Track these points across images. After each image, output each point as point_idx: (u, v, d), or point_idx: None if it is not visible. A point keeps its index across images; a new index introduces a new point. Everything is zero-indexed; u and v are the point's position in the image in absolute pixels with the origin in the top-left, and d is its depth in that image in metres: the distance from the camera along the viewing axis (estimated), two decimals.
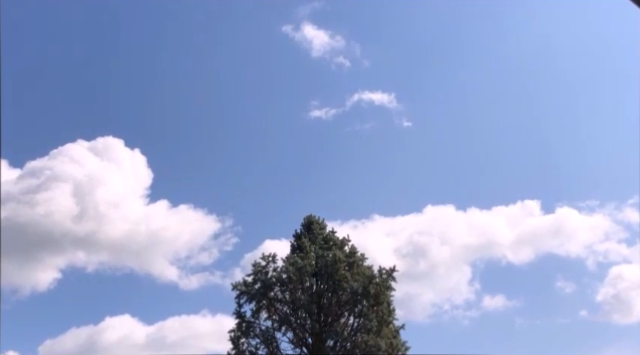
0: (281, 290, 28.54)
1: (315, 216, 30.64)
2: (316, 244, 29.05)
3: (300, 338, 28.23)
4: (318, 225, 30.34)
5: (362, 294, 27.55)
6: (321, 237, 29.66)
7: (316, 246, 28.88)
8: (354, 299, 27.85)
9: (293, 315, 28.38)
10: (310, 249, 28.55)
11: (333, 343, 27.93)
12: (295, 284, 28.27)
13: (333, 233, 30.17)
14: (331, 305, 28.34)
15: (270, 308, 28.54)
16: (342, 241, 29.73)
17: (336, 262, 27.89)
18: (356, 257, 28.91)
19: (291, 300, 28.15)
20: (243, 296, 28.27)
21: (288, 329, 28.46)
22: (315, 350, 27.70)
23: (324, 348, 27.64)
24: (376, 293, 27.71)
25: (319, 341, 27.78)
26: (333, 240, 29.71)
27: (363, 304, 27.75)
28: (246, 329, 28.21)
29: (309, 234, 29.75)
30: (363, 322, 27.55)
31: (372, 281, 27.75)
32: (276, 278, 28.44)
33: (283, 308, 28.57)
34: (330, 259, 28.11)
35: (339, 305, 28.41)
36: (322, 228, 30.25)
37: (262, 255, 29.10)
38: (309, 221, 30.43)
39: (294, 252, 29.42)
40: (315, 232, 29.82)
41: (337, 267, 27.75)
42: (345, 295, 28.14)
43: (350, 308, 28.20)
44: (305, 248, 28.69)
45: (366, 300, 27.74)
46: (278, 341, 28.37)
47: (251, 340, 28.24)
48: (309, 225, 30.22)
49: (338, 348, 27.77)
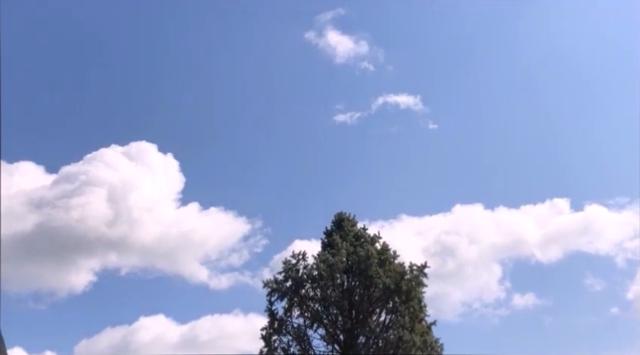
0: (312, 288, 28.46)
1: (345, 213, 30.51)
2: (347, 241, 28.94)
3: (332, 335, 28.13)
4: (349, 222, 30.23)
5: (394, 291, 27.36)
6: (352, 234, 29.52)
7: (347, 243, 28.77)
8: (386, 296, 27.68)
9: (324, 312, 28.29)
10: (341, 246, 28.44)
11: (365, 340, 27.76)
12: (326, 281, 28.16)
13: (364, 230, 30.04)
14: (363, 302, 28.18)
15: (302, 306, 28.49)
16: (373, 238, 29.60)
17: (369, 258, 27.76)
18: (388, 254, 28.73)
19: (323, 297, 28.05)
20: (274, 293, 28.27)
21: (319, 326, 28.36)
22: (347, 347, 27.57)
23: (356, 345, 27.50)
24: (408, 289, 27.51)
25: (351, 337, 27.65)
26: (364, 236, 29.55)
27: (395, 300, 27.56)
28: (278, 327, 28.19)
29: (339, 231, 29.65)
30: (394, 318, 27.36)
31: (404, 278, 27.57)
32: (307, 276, 28.37)
33: (315, 305, 28.48)
34: (363, 255, 27.98)
35: (370, 302, 28.23)
36: (353, 225, 30.12)
37: (293, 253, 29.12)
38: (339, 218, 30.32)
39: (325, 249, 29.34)
40: (346, 229, 29.71)
41: (370, 263, 27.60)
42: (376, 291, 27.98)
43: (382, 304, 28.02)
44: (336, 245, 28.60)
45: (398, 297, 27.54)
46: (310, 339, 28.35)
47: (283, 337, 28.23)
48: (340, 222, 30.12)
49: (370, 345, 27.61)
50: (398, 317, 27.21)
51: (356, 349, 27.28)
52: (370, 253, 28.01)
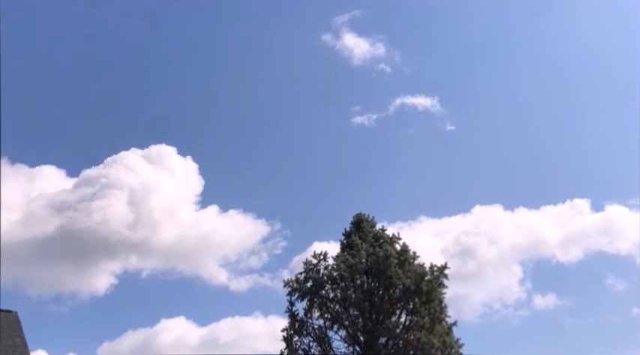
0: (332, 289, 28.54)
1: (364, 214, 30.51)
2: (366, 242, 28.96)
3: (353, 336, 28.18)
4: (368, 223, 30.23)
5: (414, 291, 27.34)
6: (371, 234, 29.53)
7: (367, 244, 28.79)
8: (406, 297, 27.65)
9: (345, 313, 28.33)
10: (361, 247, 28.47)
11: (385, 341, 27.77)
12: (346, 282, 28.21)
13: (383, 231, 30.05)
14: (383, 303, 28.18)
15: (322, 307, 28.57)
16: (392, 238, 29.59)
17: (387, 258, 27.76)
18: (407, 254, 28.71)
19: (343, 298, 28.09)
20: (294, 293, 28.37)
21: (340, 327, 28.44)
22: (367, 348, 27.61)
23: (377, 346, 27.52)
24: (428, 290, 27.48)
25: (371, 339, 27.67)
26: (383, 237, 29.55)
27: (415, 301, 27.54)
28: (298, 328, 28.29)
29: (358, 232, 29.66)
30: (415, 319, 27.34)
31: (425, 278, 27.54)
32: (327, 277, 28.46)
33: (335, 306, 28.55)
34: (382, 256, 27.99)
35: (390, 303, 28.24)
36: (372, 226, 30.12)
37: (313, 253, 29.21)
38: (358, 219, 30.34)
39: (344, 250, 29.38)
40: (365, 230, 29.72)
41: (389, 263, 27.61)
42: (396, 292, 27.98)
43: (402, 305, 28.01)
44: (355, 246, 28.63)
45: (418, 298, 27.51)
46: (330, 340, 28.43)
47: (304, 338, 28.33)
48: (359, 223, 30.13)
49: (390, 346, 27.62)
50: (418, 318, 27.19)
51: (376, 350, 27.29)
52: (389, 254, 28.01)
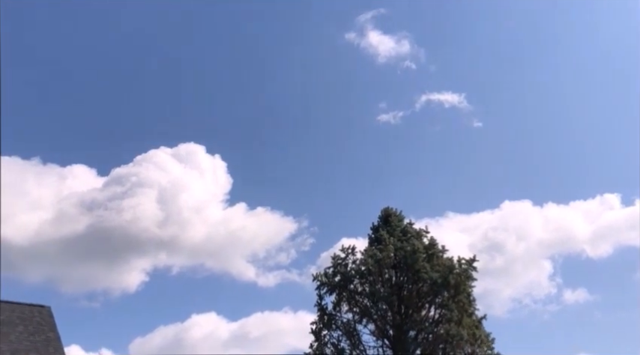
0: (360, 283, 28.62)
1: (392, 209, 30.50)
2: (394, 236, 28.96)
3: (382, 330, 28.22)
4: (396, 217, 30.23)
5: (442, 285, 27.30)
6: (399, 229, 29.51)
7: (394, 238, 28.80)
8: (435, 290, 27.62)
9: (373, 307, 28.39)
10: (389, 241, 28.49)
11: (415, 334, 27.80)
12: (375, 276, 28.29)
13: (410, 225, 30.03)
14: (411, 297, 28.17)
15: (351, 301, 28.67)
16: (420, 232, 29.56)
17: (415, 252, 27.76)
18: (435, 248, 28.68)
19: (371, 292, 28.13)
20: (323, 287, 28.53)
21: (369, 321, 28.52)
22: (396, 342, 27.65)
23: (406, 340, 27.55)
24: (456, 283, 27.40)
25: (400, 332, 27.70)
26: (411, 231, 29.54)
27: (444, 295, 27.49)
28: (327, 322, 28.44)
29: (386, 227, 29.68)
30: (444, 313, 27.31)
31: (453, 272, 27.49)
32: (356, 271, 28.56)
33: (363, 300, 28.62)
34: (409, 250, 27.99)
35: (419, 297, 28.21)
36: (400, 220, 30.11)
37: (342, 247, 29.30)
38: (386, 213, 30.36)
39: (372, 244, 29.43)
40: (393, 224, 29.72)
41: (416, 258, 27.61)
42: (425, 286, 27.97)
43: (430, 299, 27.98)
44: (383, 240, 28.67)
45: (447, 291, 27.46)
46: (359, 334, 28.54)
47: (333, 332, 28.47)
48: (387, 218, 30.15)
49: (420, 340, 27.64)
50: (447, 312, 27.14)
51: (405, 344, 27.32)
52: (417, 248, 28.00)
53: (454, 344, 26.69)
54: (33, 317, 17.79)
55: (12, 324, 17.25)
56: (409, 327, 27.77)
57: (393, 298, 27.94)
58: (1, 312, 17.55)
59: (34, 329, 17.44)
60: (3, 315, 17.46)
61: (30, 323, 17.54)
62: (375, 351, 28.13)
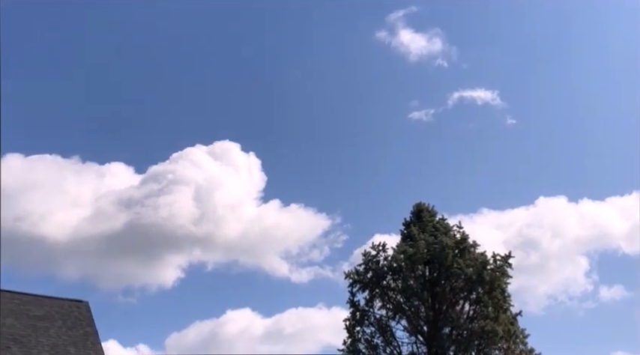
0: (393, 279, 28.55)
1: (424, 204, 30.28)
2: (427, 232, 28.80)
3: (415, 326, 28.12)
4: (428, 212, 30.04)
5: (476, 281, 27.10)
6: (431, 224, 29.31)
7: (427, 234, 28.65)
8: (469, 286, 27.44)
9: (406, 303, 28.29)
10: (420, 237, 28.35)
11: (449, 331, 27.67)
12: (407, 272, 28.18)
13: (443, 220, 29.86)
14: (445, 293, 28.02)
15: (384, 297, 28.60)
16: (452, 228, 29.36)
17: (445, 248, 27.59)
18: (467, 243, 28.46)
19: (404, 288, 28.02)
20: (355, 284, 28.51)
21: (402, 317, 28.43)
22: (430, 338, 27.51)
23: (440, 336, 27.41)
24: (491, 279, 27.18)
25: (434, 329, 27.57)
26: (444, 227, 29.38)
27: (478, 291, 27.29)
28: (360, 318, 28.40)
29: (418, 222, 29.49)
30: (478, 309, 27.11)
31: (487, 267, 27.29)
32: (388, 267, 28.48)
33: (396, 296, 28.53)
34: (442, 246, 27.83)
35: (453, 293, 28.08)
36: (432, 216, 29.91)
37: (372, 244, 29.24)
38: (418, 208, 30.16)
39: (404, 240, 29.28)
40: (425, 220, 29.52)
41: (447, 253, 27.43)
42: (459, 282, 27.81)
43: (465, 295, 27.82)
44: (415, 236, 28.55)
45: (481, 287, 27.25)
46: (393, 330, 28.48)
47: (366, 328, 28.44)
48: (419, 213, 29.96)
49: (454, 336, 27.48)
50: (482, 308, 26.94)
51: (440, 340, 27.18)
52: (446, 243, 27.84)
53: (489, 341, 26.51)
54: (71, 311, 18.06)
55: (51, 319, 17.54)
56: (443, 323, 27.61)
57: (425, 294, 27.81)
58: (41, 307, 17.88)
59: (72, 323, 17.69)
60: (42, 310, 17.77)
61: (68, 317, 17.81)
62: (408, 347, 28.09)
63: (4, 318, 16.87)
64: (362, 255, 29.09)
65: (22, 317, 17.19)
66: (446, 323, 27.64)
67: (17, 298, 17.94)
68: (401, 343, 28.15)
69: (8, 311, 17.25)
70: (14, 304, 17.62)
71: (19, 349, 15.92)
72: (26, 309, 17.59)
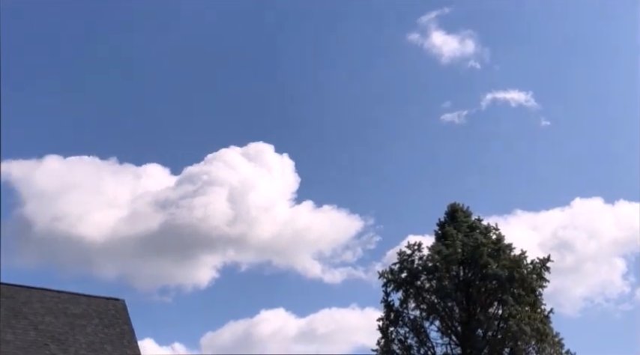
0: (427, 279, 28.43)
1: (459, 204, 30.15)
2: (461, 232, 28.62)
3: (449, 326, 28.00)
4: (463, 213, 29.85)
5: (508, 281, 26.84)
6: (465, 225, 29.13)
7: (461, 234, 28.46)
8: (503, 287, 27.18)
9: (440, 304, 28.17)
10: (455, 237, 28.18)
11: (484, 332, 27.46)
12: (441, 272, 28.03)
13: (479, 221, 29.63)
14: (479, 294, 27.86)
15: (418, 297, 28.52)
16: (488, 228, 29.11)
17: (480, 246, 27.38)
18: (502, 244, 28.22)
19: (438, 289, 27.89)
20: (390, 284, 28.45)
21: (436, 318, 28.32)
22: (464, 339, 27.36)
23: (474, 337, 27.23)
24: (524, 280, 26.95)
25: (468, 329, 27.40)
26: (478, 227, 29.14)
27: (513, 292, 27.02)
28: (394, 318, 28.37)
29: (453, 223, 29.35)
30: (512, 310, 26.82)
31: (521, 267, 27.01)
32: (422, 267, 28.37)
33: (430, 297, 28.41)
34: (476, 246, 27.62)
35: (487, 294, 27.89)
36: (467, 216, 29.73)
37: (407, 244, 29.18)
38: (453, 209, 29.99)
39: (438, 240, 29.17)
40: (460, 220, 29.34)
41: (481, 252, 27.22)
42: (493, 283, 27.57)
43: (499, 296, 27.56)
44: (449, 236, 28.36)
45: (515, 288, 26.98)
46: (427, 330, 28.37)
47: (399, 329, 28.39)
48: (454, 213, 29.79)
49: (488, 337, 27.27)
50: (516, 309, 26.69)
51: (474, 341, 27.01)
52: (481, 243, 27.61)
53: (522, 341, 26.27)
54: (108, 310, 18.33)
55: (88, 317, 17.82)
56: (477, 324, 27.44)
57: (460, 295, 27.67)
58: (78, 305, 18.18)
59: (109, 322, 17.96)
60: (79, 308, 18.06)
61: (105, 316, 18.08)
62: (442, 348, 28.01)
63: (43, 316, 17.20)
64: (397, 254, 29.12)
65: (60, 315, 17.52)
66: (480, 324, 27.45)
67: (55, 296, 18.27)
68: (435, 344, 28.12)
69: (46, 309, 17.61)
70: (52, 302, 17.96)
71: (57, 347, 16.23)
72: (64, 307, 17.91)
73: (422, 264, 28.46)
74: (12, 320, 16.70)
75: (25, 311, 17.22)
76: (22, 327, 16.55)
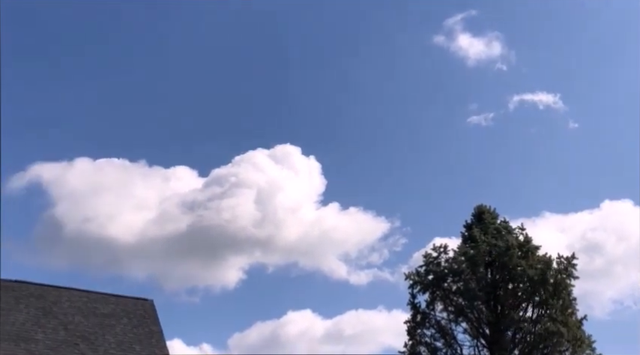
0: (454, 281, 28.22)
1: (486, 206, 29.87)
2: (488, 234, 28.35)
3: (477, 328, 27.73)
4: (490, 214, 29.55)
5: (539, 282, 26.53)
6: (492, 226, 28.85)
7: (489, 236, 28.20)
8: (532, 289, 26.88)
9: (468, 306, 27.91)
10: (482, 239, 27.93)
11: (512, 334, 27.18)
12: (468, 274, 27.82)
13: (506, 222, 29.34)
14: (507, 295, 27.57)
15: (445, 299, 28.29)
16: (515, 230, 28.82)
17: (509, 249, 27.10)
18: (531, 245, 27.92)
19: (465, 291, 27.67)
20: (416, 286, 28.28)
21: (463, 320, 28.08)
22: (493, 341, 27.07)
23: (503, 339, 26.94)
24: (555, 281, 26.62)
25: (497, 331, 27.12)
26: (506, 229, 28.85)
27: (542, 293, 26.71)
28: (421, 320, 28.18)
29: (480, 224, 29.06)
30: (542, 312, 26.52)
31: (551, 268, 26.70)
32: (449, 269, 28.17)
33: (458, 299, 28.19)
34: (503, 247, 27.36)
35: (515, 295, 27.60)
36: (494, 218, 29.44)
37: (433, 246, 29.00)
38: (480, 211, 29.72)
39: (465, 242, 28.93)
40: (487, 222, 29.06)
41: (511, 254, 26.94)
42: (522, 284, 27.29)
43: (528, 297, 27.27)
44: (476, 238, 28.12)
45: (545, 289, 26.67)
46: (454, 332, 28.13)
47: (426, 331, 28.19)
48: (480, 215, 29.51)
49: (518, 339, 26.98)
50: (546, 311, 26.38)
51: (502, 343, 26.71)
52: (511, 244, 27.33)
53: (555, 344, 25.94)
54: (136, 310, 18.39)
55: (117, 317, 17.89)
56: (506, 326, 27.16)
57: (488, 296, 27.43)
58: (107, 305, 18.29)
59: (138, 321, 18.00)
60: (108, 308, 18.15)
61: (134, 315, 18.13)
62: (470, 350, 27.72)
63: (72, 316, 17.32)
64: (423, 257, 28.94)
65: (89, 315, 17.59)
66: (508, 326, 27.18)
67: (85, 296, 18.38)
68: (462, 346, 27.79)
69: (76, 309, 17.70)
70: (82, 302, 18.06)
71: (87, 346, 16.30)
72: (93, 307, 18.00)
73: (448, 266, 28.26)
74: (42, 320, 16.80)
75: (54, 311, 17.33)
76: (52, 327, 16.64)
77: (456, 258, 28.18)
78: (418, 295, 28.40)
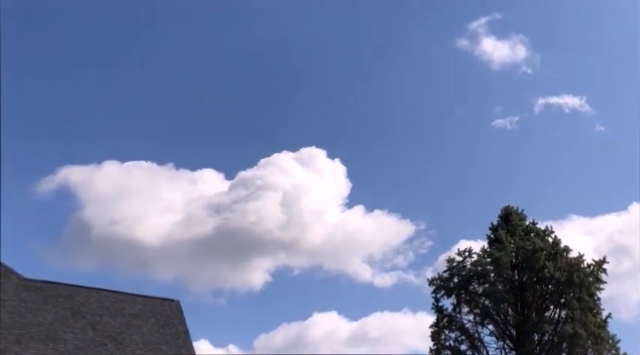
0: (479, 283, 28.00)
1: (513, 207, 29.64)
2: (515, 236, 28.10)
3: (503, 330, 27.50)
4: (517, 216, 29.32)
5: (566, 284, 26.23)
6: (520, 228, 28.62)
7: (516, 238, 27.94)
8: (559, 291, 26.60)
9: (494, 308, 27.68)
10: (509, 241, 27.68)
11: (539, 336, 26.89)
12: (494, 277, 27.58)
13: (534, 224, 29.04)
14: (534, 298, 27.31)
15: (470, 302, 28.09)
16: (544, 231, 28.54)
17: (536, 251, 26.83)
18: (559, 248, 27.61)
19: (491, 293, 27.44)
20: (439, 290, 28.12)
21: (489, 322, 27.86)
22: (519, 344, 26.83)
23: (529, 341, 26.67)
24: (581, 282, 26.32)
25: (523, 334, 26.86)
26: (534, 230, 28.59)
27: (569, 295, 26.41)
28: (446, 324, 28.01)
29: (507, 226, 28.85)
30: (569, 313, 26.24)
31: (578, 270, 26.38)
32: (474, 272, 27.95)
33: (484, 301, 27.97)
34: (531, 249, 27.09)
35: (542, 297, 27.32)
36: (521, 219, 29.20)
37: (457, 251, 28.85)
38: (506, 212, 29.50)
39: (491, 244, 28.72)
40: (514, 223, 28.84)
41: (538, 256, 26.66)
42: (549, 287, 27.01)
43: (554, 299, 27.00)
44: (502, 239, 27.86)
45: (572, 292, 26.37)
46: (480, 335, 27.92)
47: (451, 334, 28.01)
48: (507, 216, 29.29)
49: (544, 341, 26.69)
50: (572, 313, 26.08)
51: (529, 345, 26.46)
52: (539, 247, 27.05)
53: (579, 345, 25.66)
54: (163, 310, 18.46)
55: (144, 317, 17.97)
56: (532, 328, 26.88)
57: (514, 298, 27.21)
58: (134, 305, 18.37)
59: (165, 322, 18.07)
60: (136, 308, 18.25)
61: (161, 316, 18.20)
62: (495, 353, 27.56)
63: (100, 316, 17.42)
64: (446, 262, 28.73)
65: (117, 315, 17.69)
66: (535, 329, 26.90)
67: (112, 297, 18.48)
68: (488, 347, 27.59)
69: (104, 309, 17.80)
70: (109, 302, 18.16)
71: (115, 346, 16.40)
72: (121, 307, 18.10)
73: (473, 268, 28.04)
74: (70, 320, 16.92)
75: (83, 311, 17.45)
76: (80, 327, 16.75)
77: (481, 260, 27.96)
78: (442, 299, 28.27)
